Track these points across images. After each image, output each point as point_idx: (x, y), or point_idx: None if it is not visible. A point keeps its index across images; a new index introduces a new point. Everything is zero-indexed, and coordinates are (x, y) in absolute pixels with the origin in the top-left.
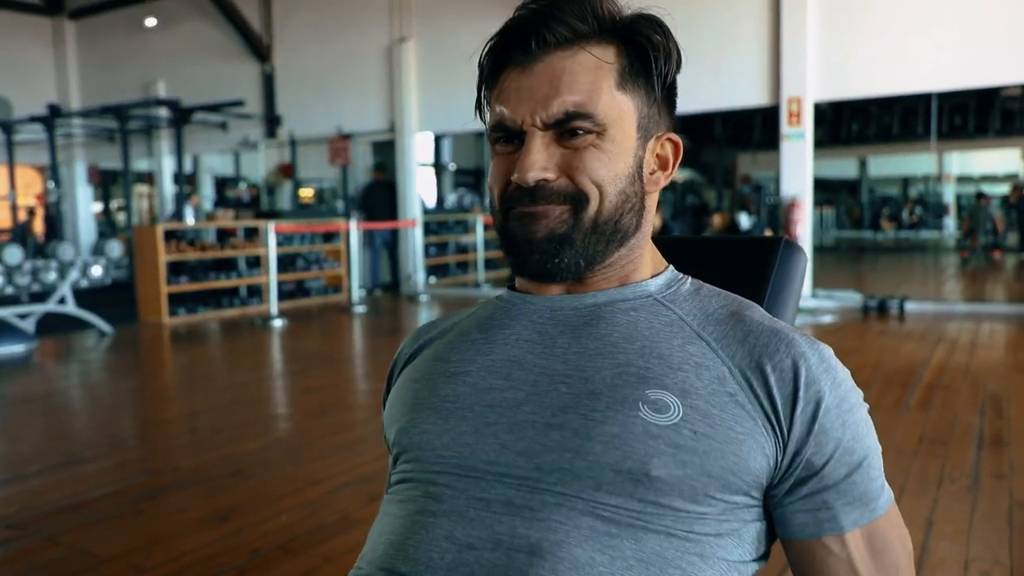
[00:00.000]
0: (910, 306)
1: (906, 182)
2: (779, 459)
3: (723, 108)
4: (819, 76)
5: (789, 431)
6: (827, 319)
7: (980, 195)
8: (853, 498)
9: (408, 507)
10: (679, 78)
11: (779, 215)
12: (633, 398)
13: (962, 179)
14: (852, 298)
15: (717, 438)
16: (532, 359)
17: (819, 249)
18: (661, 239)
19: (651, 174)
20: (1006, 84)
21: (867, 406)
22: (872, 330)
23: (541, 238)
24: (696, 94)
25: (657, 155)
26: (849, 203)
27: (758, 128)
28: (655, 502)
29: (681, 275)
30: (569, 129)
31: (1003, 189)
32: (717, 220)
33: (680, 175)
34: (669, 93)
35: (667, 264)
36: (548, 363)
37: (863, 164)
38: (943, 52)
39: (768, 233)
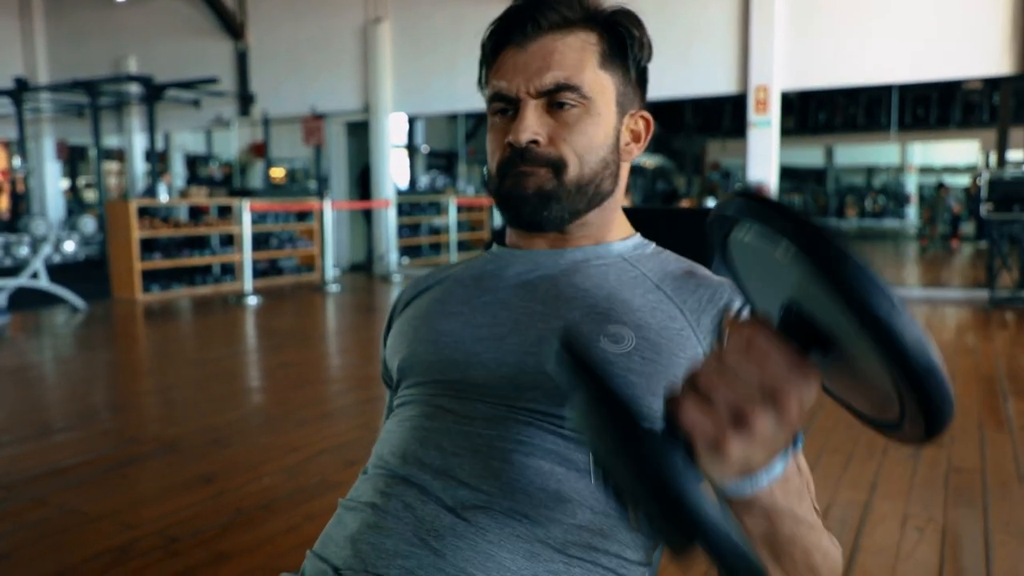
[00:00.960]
0: None
1: (870, 171)
2: None
3: (692, 95)
4: (786, 65)
5: (704, 340)
6: None
7: (940, 185)
8: None
9: (406, 425)
10: (650, 66)
11: None
12: (596, 332)
13: (924, 169)
14: None
15: (661, 363)
16: (515, 301)
17: None
18: (630, 212)
19: (626, 145)
20: (967, 77)
21: None
22: None
23: (531, 194)
24: (666, 80)
25: (631, 130)
26: (815, 191)
27: (727, 116)
28: None
29: (645, 241)
30: (558, 101)
31: (964, 180)
32: (686, 205)
33: (651, 161)
34: (641, 77)
35: (634, 231)
36: (529, 305)
37: (829, 153)
38: (907, 44)
39: None
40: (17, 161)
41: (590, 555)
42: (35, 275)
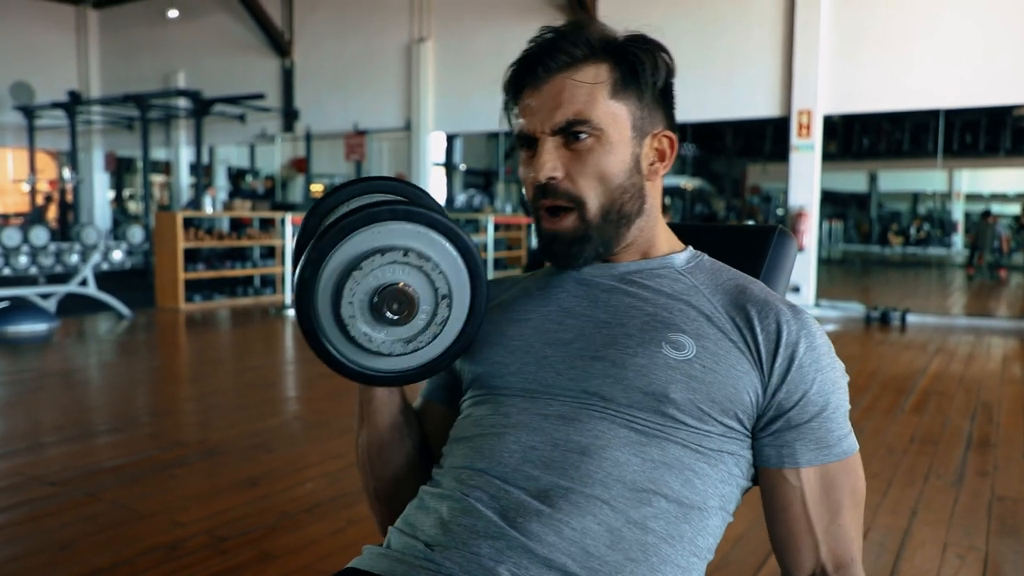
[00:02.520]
0: (912, 318)
1: (915, 198)
2: (761, 399)
3: (733, 118)
4: (830, 89)
5: (769, 378)
6: (829, 328)
7: (986, 213)
8: (811, 440)
9: (481, 424)
10: (690, 87)
11: (786, 225)
12: (658, 339)
13: (971, 197)
14: (855, 309)
15: (720, 372)
16: (580, 309)
17: (826, 261)
18: (680, 227)
19: (651, 165)
20: (1018, 104)
21: (844, 374)
22: (873, 340)
23: (564, 243)
24: (707, 103)
25: (656, 149)
26: (858, 217)
27: (768, 139)
28: (673, 418)
29: (699, 253)
30: (572, 132)
31: (1014, 208)
32: None
33: (690, 183)
34: (665, 96)
35: (685, 245)
36: (593, 312)
37: (873, 178)
38: (955, 69)
39: None
40: (67, 172)
41: (668, 541)
42: (84, 282)
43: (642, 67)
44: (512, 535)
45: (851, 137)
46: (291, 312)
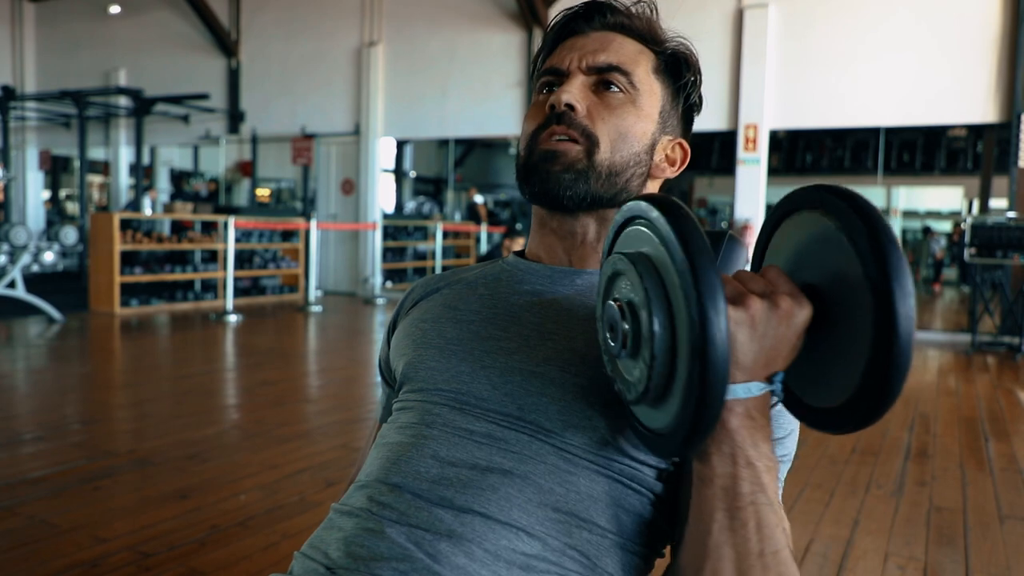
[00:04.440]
0: None
1: None
2: None
3: None
4: (776, 105)
5: None
6: None
7: (927, 230)
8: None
9: (404, 431)
10: None
11: None
12: (603, 360)
13: (908, 214)
14: None
15: None
16: (528, 316)
17: None
18: None
19: (660, 162)
20: (952, 124)
21: None
22: None
23: (561, 168)
24: None
25: (667, 155)
26: None
27: (716, 153)
28: (611, 444)
29: None
30: (606, 80)
31: (947, 226)
32: None
33: None
34: (687, 113)
35: None
36: (541, 321)
37: None
38: (895, 89)
39: None
40: (0, 170)
41: (593, 570)
42: (12, 284)
43: (687, 72)
44: (418, 557)
45: (795, 152)
46: (232, 318)
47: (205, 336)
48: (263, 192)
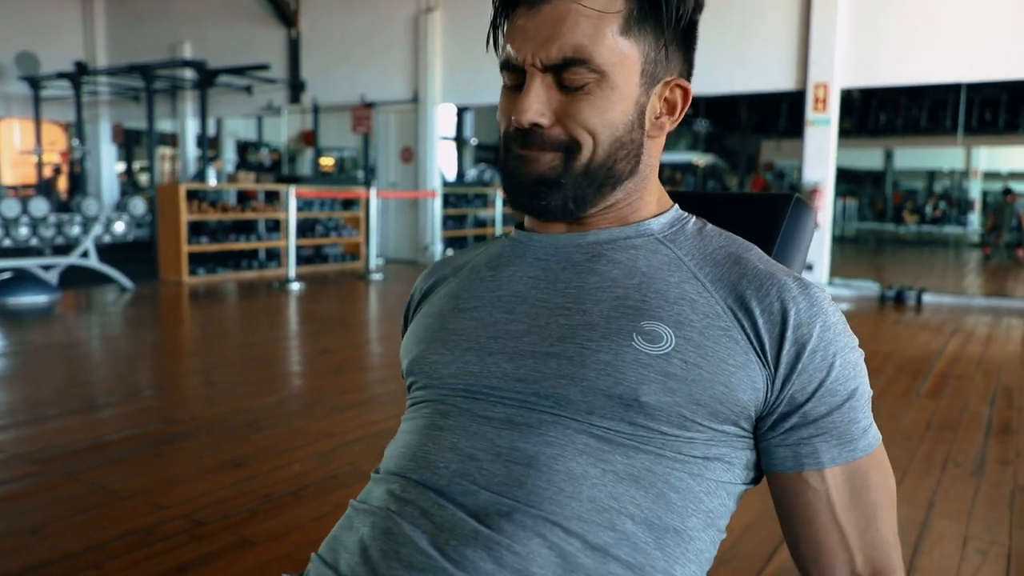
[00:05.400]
0: (928, 298)
1: (931, 176)
2: (767, 395)
3: (747, 91)
4: (847, 62)
5: (776, 369)
6: (843, 307)
7: (1007, 191)
8: (833, 436)
9: (419, 423)
10: (702, 59)
11: None
12: (627, 329)
13: (989, 175)
14: (870, 287)
15: (707, 368)
16: (535, 294)
17: (840, 239)
18: (685, 194)
19: (656, 119)
20: None
21: (860, 351)
22: (888, 319)
23: (531, 181)
24: (720, 77)
25: (665, 99)
26: (872, 195)
27: (784, 115)
28: (645, 426)
29: (686, 215)
30: (568, 79)
31: None
32: None
33: (702, 160)
34: (686, 37)
35: (673, 203)
36: (549, 297)
37: (889, 156)
38: (976, 43)
39: None
40: (75, 142)
41: (637, 572)
42: (85, 254)
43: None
44: (440, 564)
45: (867, 113)
46: (294, 286)
47: (268, 304)
48: (327, 161)
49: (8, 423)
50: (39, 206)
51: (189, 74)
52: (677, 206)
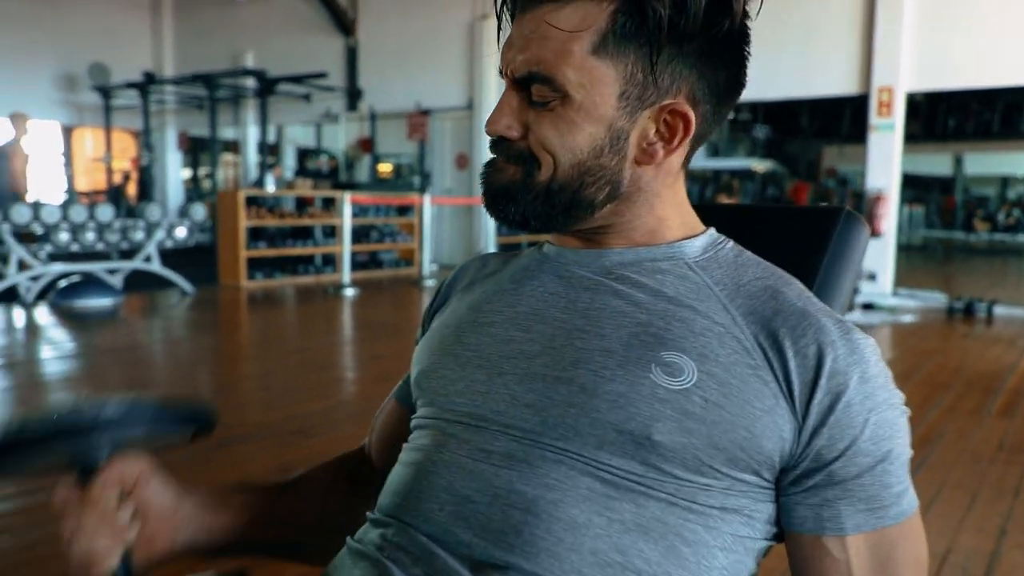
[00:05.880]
0: (999, 310)
1: (1005, 182)
2: (793, 446)
3: (808, 96)
4: (914, 65)
5: (805, 419)
6: (907, 319)
7: None
8: (860, 501)
9: (416, 456)
10: (761, 63)
11: (863, 209)
12: (646, 359)
13: None
14: (937, 299)
15: (730, 409)
16: (554, 312)
17: (906, 248)
18: (723, 207)
19: (648, 146)
20: None
21: (904, 410)
22: (956, 332)
23: (493, 191)
24: (780, 81)
25: (664, 123)
26: (940, 201)
27: (846, 120)
28: (657, 467)
29: (722, 239)
30: (534, 89)
31: None
32: None
33: (761, 166)
34: (705, 56)
35: (705, 228)
36: (568, 317)
37: (958, 161)
38: None
39: None
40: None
41: None
42: (148, 259)
43: (654, 11)
44: None
45: (935, 117)
46: (349, 291)
47: (323, 309)
48: (385, 167)
49: None
50: (105, 212)
51: (251, 83)
52: (713, 230)
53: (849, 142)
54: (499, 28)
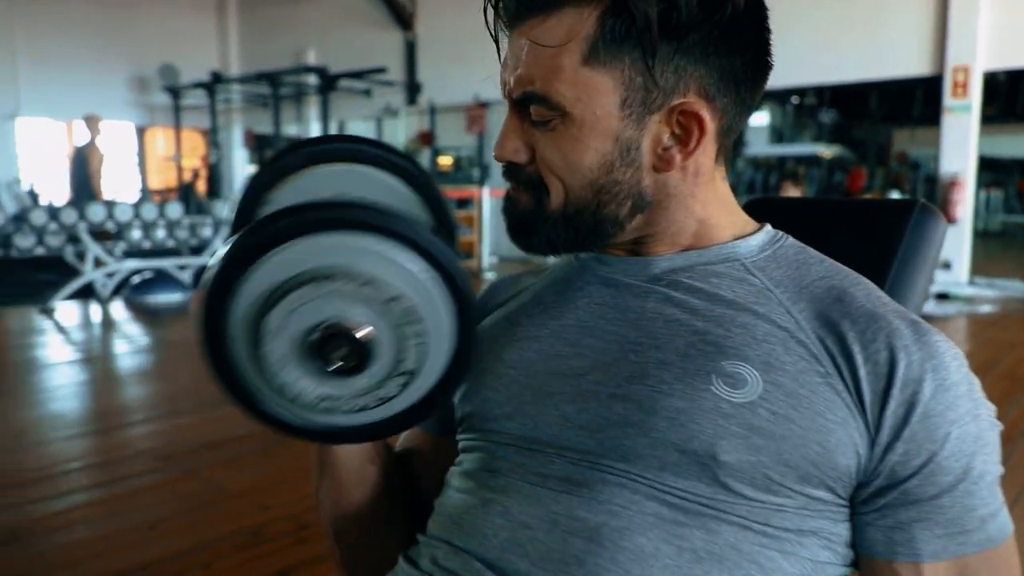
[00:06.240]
0: None
1: None
2: (867, 462)
3: (879, 78)
4: (992, 42)
5: (877, 432)
6: (985, 308)
7: None
8: (938, 525)
9: (467, 480)
10: (827, 45)
11: (936, 194)
12: (706, 370)
13: None
14: (1016, 287)
15: (800, 423)
16: (603, 324)
17: (983, 234)
18: (785, 202)
19: (663, 151)
20: None
21: (994, 423)
22: None
23: (513, 222)
24: (846, 63)
25: (679, 125)
26: (1020, 185)
27: (918, 102)
28: (726, 487)
29: (780, 235)
30: (532, 110)
31: None
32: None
33: (828, 151)
34: (709, 45)
35: (760, 224)
36: (619, 329)
37: None
38: None
39: None
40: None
41: None
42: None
43: (639, 10)
44: None
45: (1016, 97)
46: None
47: None
48: (445, 160)
49: (141, 418)
50: (174, 210)
51: (312, 79)
52: (768, 226)
53: (921, 125)
54: (497, 48)
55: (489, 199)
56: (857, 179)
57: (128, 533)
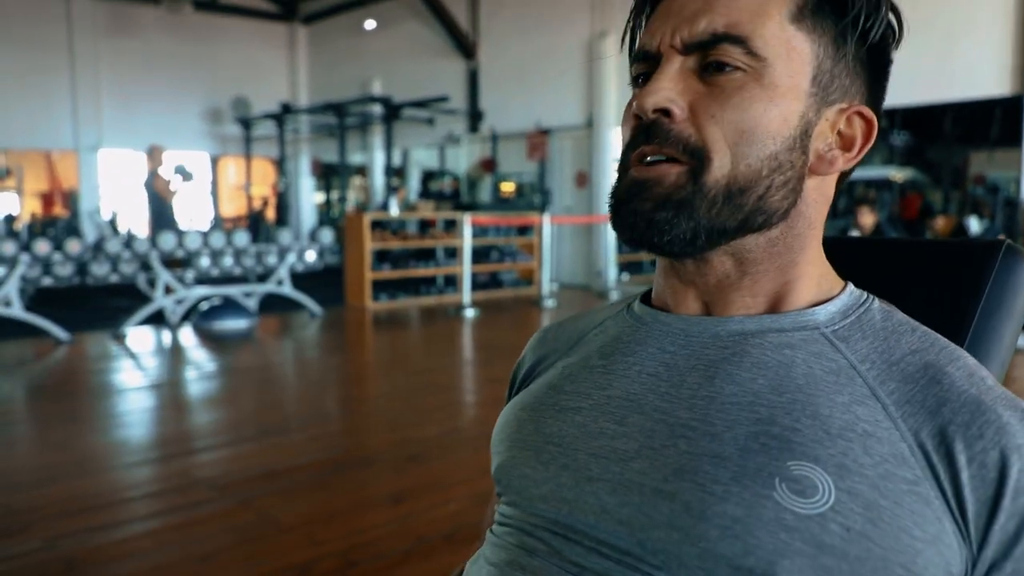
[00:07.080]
0: None
1: None
2: None
3: (954, 99)
4: None
5: (980, 549)
6: None
7: None
8: None
9: (502, 555)
10: (899, 65)
11: (1017, 219)
12: (769, 471)
13: None
14: None
15: (880, 541)
16: (653, 400)
17: None
18: (845, 243)
19: (826, 151)
20: None
21: None
22: None
23: (649, 208)
24: (919, 84)
25: (840, 132)
26: None
27: (996, 123)
28: None
29: (866, 298)
30: (715, 60)
31: None
32: (941, 224)
33: (899, 174)
34: (875, 60)
35: (844, 283)
36: (671, 407)
37: None
38: None
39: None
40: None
41: None
42: (280, 282)
43: (854, 3)
44: None
45: None
46: (469, 312)
47: (443, 330)
48: (507, 187)
49: (202, 446)
50: (241, 238)
51: (377, 109)
52: (851, 285)
53: (1000, 146)
54: (643, 10)
55: (550, 225)
56: (911, 204)
57: (179, 566)
